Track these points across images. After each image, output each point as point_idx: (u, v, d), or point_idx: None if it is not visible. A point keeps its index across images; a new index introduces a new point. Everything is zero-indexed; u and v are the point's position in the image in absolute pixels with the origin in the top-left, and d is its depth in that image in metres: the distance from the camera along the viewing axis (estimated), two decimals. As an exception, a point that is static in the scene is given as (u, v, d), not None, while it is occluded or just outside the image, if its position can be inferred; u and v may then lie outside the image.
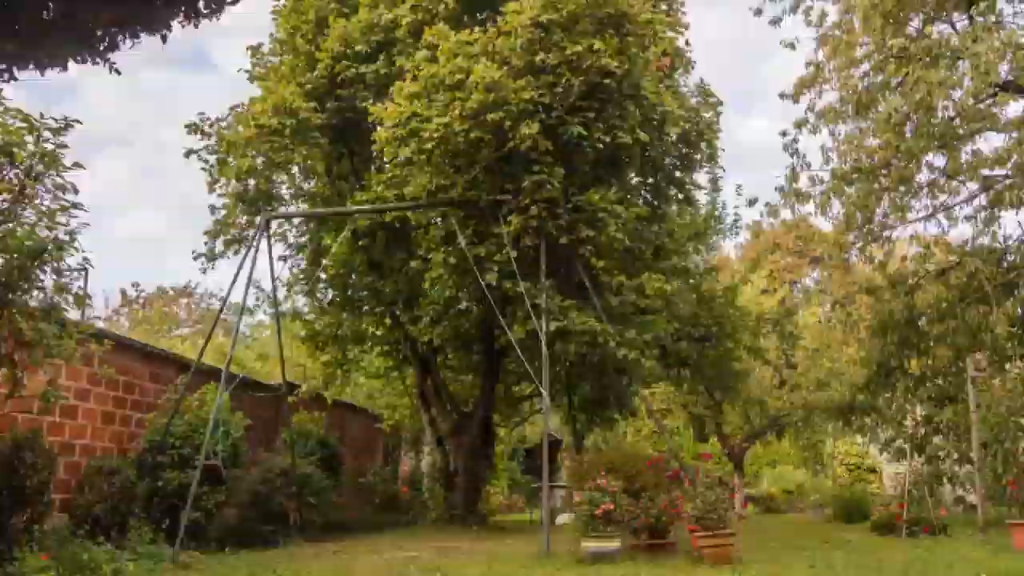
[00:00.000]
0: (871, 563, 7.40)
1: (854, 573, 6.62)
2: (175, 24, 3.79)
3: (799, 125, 14.33)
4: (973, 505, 12.66)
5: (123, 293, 36.39)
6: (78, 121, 7.41)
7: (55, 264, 7.54)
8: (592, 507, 8.29)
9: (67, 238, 7.59)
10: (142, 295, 36.72)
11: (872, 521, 11.62)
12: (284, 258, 14.85)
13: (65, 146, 7.34)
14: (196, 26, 3.84)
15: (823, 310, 33.15)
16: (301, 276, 14.87)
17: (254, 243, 11.33)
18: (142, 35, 3.81)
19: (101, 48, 3.68)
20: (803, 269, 36.97)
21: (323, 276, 15.24)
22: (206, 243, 13.11)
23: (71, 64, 3.79)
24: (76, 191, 7.29)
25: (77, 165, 7.50)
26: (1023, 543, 8.22)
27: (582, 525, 8.45)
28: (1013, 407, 9.08)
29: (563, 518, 14.91)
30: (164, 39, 3.86)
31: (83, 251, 7.53)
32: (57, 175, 7.42)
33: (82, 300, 7.44)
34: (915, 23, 14.14)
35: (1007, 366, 12.53)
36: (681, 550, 8.76)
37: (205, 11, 3.86)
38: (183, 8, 3.79)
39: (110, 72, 3.87)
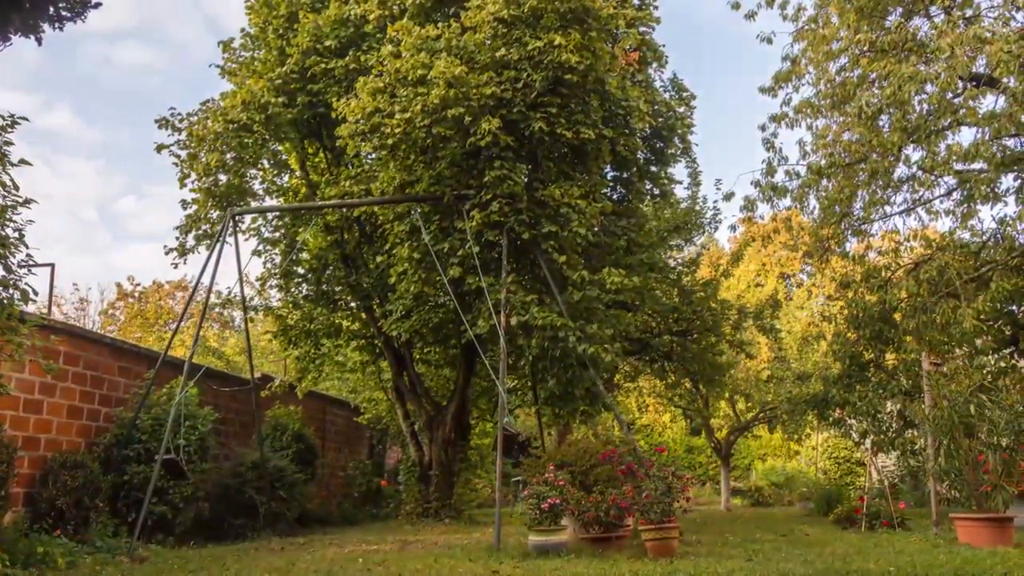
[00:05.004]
0: (809, 555, 7.45)
1: (785, 565, 6.66)
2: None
3: (777, 119, 14.31)
4: (947, 498, 12.70)
5: (118, 287, 36.63)
6: (24, 118, 7.45)
7: (4, 262, 7.59)
8: (539, 501, 8.36)
9: (16, 235, 7.65)
10: (138, 289, 36.91)
11: (834, 514, 11.65)
12: (258, 252, 14.95)
13: (10, 143, 7.39)
14: (61, 29, 3.90)
15: (816, 303, 33.24)
16: (275, 271, 14.96)
17: (222, 238, 11.40)
18: (14, 37, 3.86)
19: (-24, 50, 3.77)
20: (795, 263, 37.02)
21: (299, 270, 15.37)
22: (177, 238, 13.19)
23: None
24: (16, 187, 7.33)
25: (23, 162, 7.56)
26: (966, 537, 8.26)
27: (529, 519, 8.52)
28: (956, 402, 9.08)
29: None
30: (39, 41, 3.92)
31: (29, 247, 7.56)
32: (4, 172, 7.47)
33: (27, 296, 7.48)
34: (893, 17, 14.09)
35: (976, 361, 12.52)
36: (634, 543, 8.82)
37: (67, 15, 3.91)
38: (49, 11, 3.82)
39: (-12, 74, 3.92)
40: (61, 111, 46.75)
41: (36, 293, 7.64)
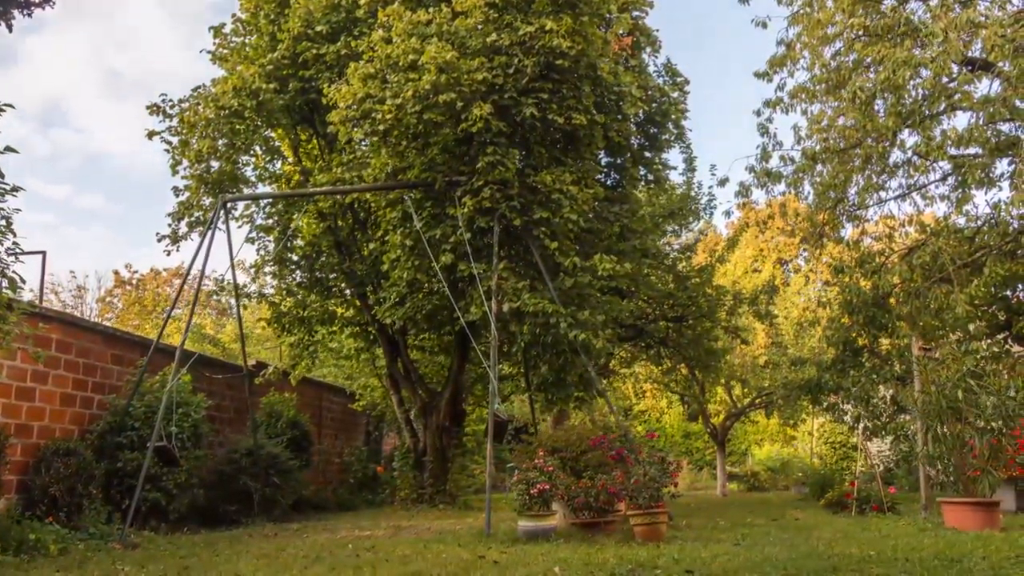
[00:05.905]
0: (797, 539, 7.49)
1: (770, 550, 6.69)
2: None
3: (772, 105, 14.24)
4: (938, 483, 12.74)
5: (116, 275, 36.58)
6: (10, 105, 7.41)
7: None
8: (528, 486, 8.39)
9: (3, 223, 7.63)
10: (135, 277, 36.87)
11: (825, 499, 11.70)
12: (251, 239, 14.91)
13: (-4, 130, 7.36)
14: (30, 15, 3.87)
15: (813, 288, 33.22)
16: (268, 258, 14.94)
17: (213, 225, 11.38)
18: (-17, 24, 3.85)
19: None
20: (793, 248, 36.96)
21: (293, 257, 15.35)
22: (170, 225, 13.15)
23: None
24: (2, 175, 7.31)
25: (9, 149, 7.52)
26: (953, 521, 8.31)
27: (519, 504, 8.55)
28: (944, 387, 9.09)
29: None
30: (10, 27, 3.89)
31: (16, 235, 7.54)
32: (-11, 160, 7.43)
33: (15, 283, 7.48)
34: (888, 0, 14.00)
35: (969, 346, 12.52)
36: (624, 528, 8.85)
37: (36, 1, 3.89)
38: (14, -1, 3.80)
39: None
40: (95, 195, 53.54)
41: (24, 281, 7.63)
